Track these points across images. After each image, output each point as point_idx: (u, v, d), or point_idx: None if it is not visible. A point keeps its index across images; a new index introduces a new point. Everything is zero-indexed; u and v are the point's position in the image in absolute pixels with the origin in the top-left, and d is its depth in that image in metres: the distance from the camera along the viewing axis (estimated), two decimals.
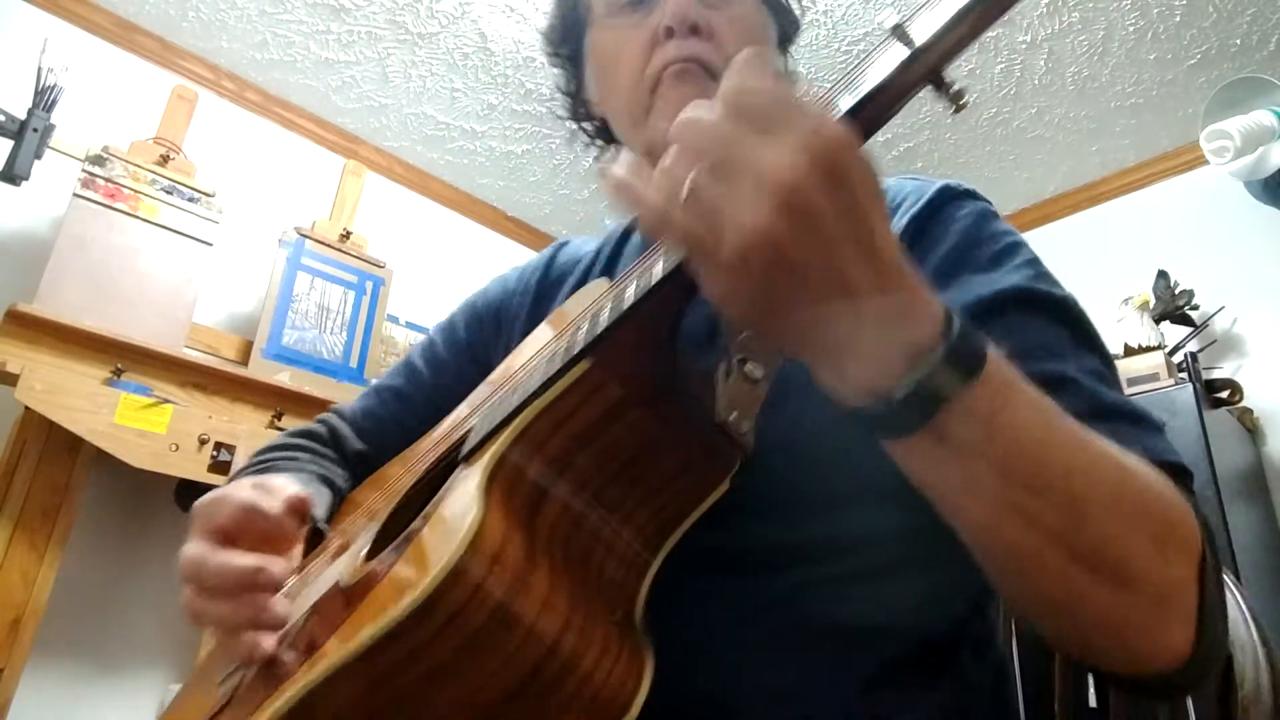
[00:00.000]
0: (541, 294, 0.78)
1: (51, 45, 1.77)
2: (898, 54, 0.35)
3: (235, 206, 2.08)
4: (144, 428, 1.64)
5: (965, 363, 0.35)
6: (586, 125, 0.81)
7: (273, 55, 2.20)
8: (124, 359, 1.67)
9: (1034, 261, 0.57)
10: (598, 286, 0.62)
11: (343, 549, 0.58)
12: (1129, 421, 0.48)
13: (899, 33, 0.35)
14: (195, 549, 0.49)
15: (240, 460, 1.73)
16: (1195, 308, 2.12)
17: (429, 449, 0.64)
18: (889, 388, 0.35)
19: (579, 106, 0.80)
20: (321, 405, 1.93)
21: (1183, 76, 2.11)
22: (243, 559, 0.48)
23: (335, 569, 0.53)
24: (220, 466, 1.71)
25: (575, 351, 0.43)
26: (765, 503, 0.50)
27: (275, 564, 0.48)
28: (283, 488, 0.55)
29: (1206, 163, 2.02)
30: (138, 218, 1.81)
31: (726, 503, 0.44)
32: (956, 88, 0.35)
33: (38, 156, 1.67)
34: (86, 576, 1.75)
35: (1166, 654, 0.42)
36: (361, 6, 2.03)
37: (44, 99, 1.70)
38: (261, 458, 0.75)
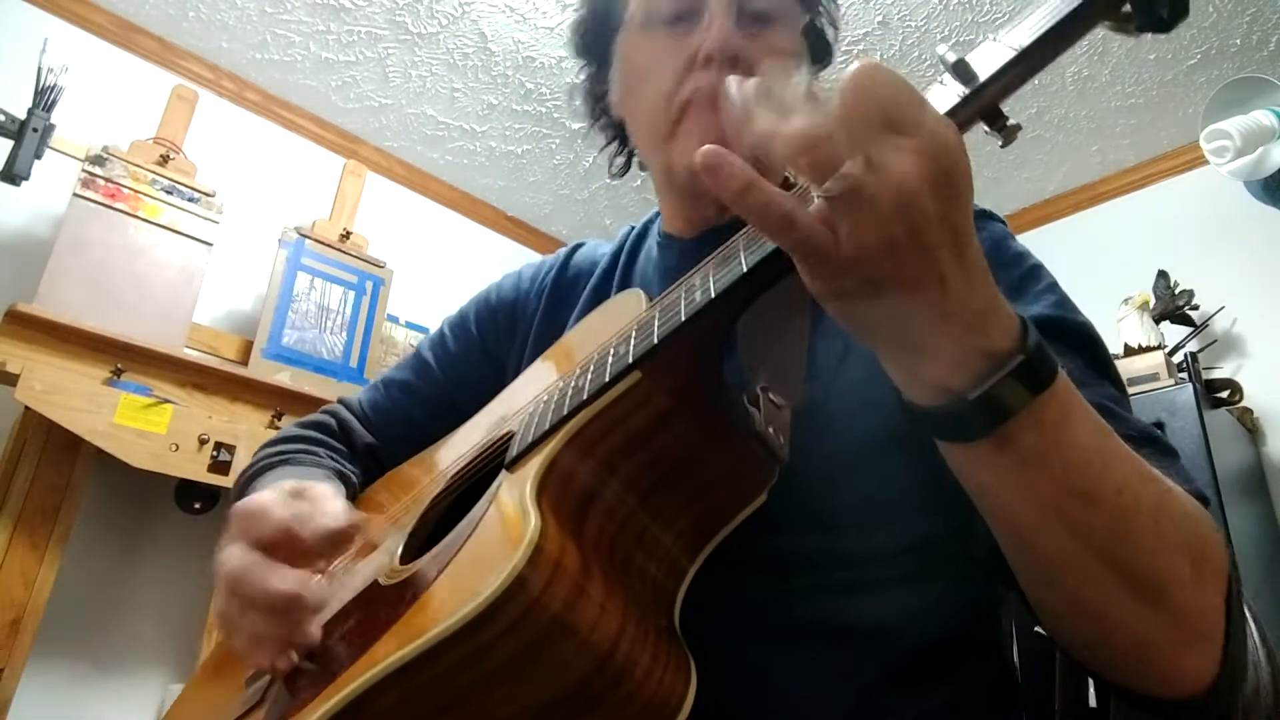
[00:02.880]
0: (558, 293, 0.77)
1: (51, 45, 1.77)
2: (1004, 55, 0.36)
3: (235, 206, 2.08)
4: (144, 428, 1.63)
5: (1039, 375, 0.37)
6: (603, 124, 0.80)
7: (273, 55, 2.20)
8: (124, 359, 1.67)
9: (1054, 285, 0.59)
10: (628, 300, 0.60)
11: (367, 549, 0.58)
12: (1158, 449, 0.49)
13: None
14: (237, 559, 0.48)
15: (241, 460, 1.73)
16: (1195, 308, 2.12)
17: (452, 459, 0.64)
18: (962, 390, 0.36)
19: (597, 105, 0.79)
20: (322, 405, 1.92)
21: (1183, 76, 2.11)
22: (284, 582, 0.46)
23: (367, 567, 0.52)
24: (220, 466, 1.71)
25: (627, 362, 0.43)
26: (782, 512, 0.50)
27: (314, 586, 0.47)
28: (324, 499, 0.53)
29: (1206, 163, 2.02)
30: (138, 218, 1.81)
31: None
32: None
33: (38, 156, 1.67)
34: (86, 576, 1.75)
35: (1190, 679, 0.42)
36: (361, 6, 2.03)
37: (44, 99, 1.70)
38: (277, 449, 0.75)
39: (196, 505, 1.85)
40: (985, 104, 0.36)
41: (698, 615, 0.42)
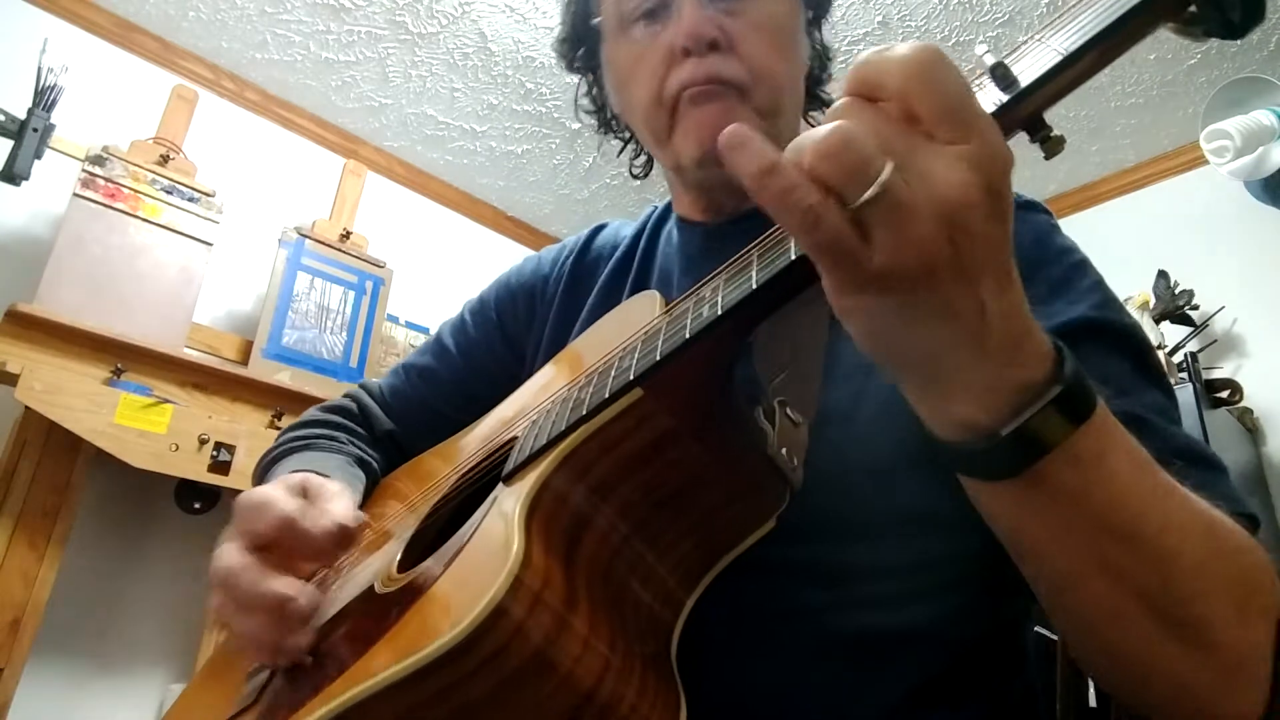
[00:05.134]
0: (577, 277, 0.76)
1: (51, 45, 1.77)
2: (1051, 58, 0.32)
3: (235, 206, 2.08)
4: (144, 428, 1.63)
5: (1077, 408, 0.33)
6: (616, 133, 0.79)
7: (273, 55, 2.20)
8: (124, 359, 1.67)
9: (1100, 284, 0.56)
10: (642, 303, 0.56)
11: (379, 540, 0.57)
12: (1203, 466, 0.47)
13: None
14: (232, 557, 0.47)
15: (241, 459, 1.73)
16: (1195, 308, 2.12)
17: (471, 450, 0.62)
18: (992, 425, 0.33)
19: (602, 114, 0.77)
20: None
21: (1183, 76, 2.11)
22: (276, 584, 0.45)
23: (369, 568, 0.52)
24: (220, 466, 1.71)
25: (629, 378, 0.40)
26: (809, 523, 0.47)
27: (306, 593, 0.46)
28: (329, 497, 0.52)
29: (1206, 163, 2.02)
30: (138, 218, 1.81)
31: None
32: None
33: (38, 156, 1.67)
34: (86, 576, 1.75)
35: (1232, 718, 0.40)
36: (361, 6, 2.03)
37: (44, 99, 1.70)
38: (299, 434, 0.75)
39: (196, 505, 1.85)
40: (1028, 112, 0.32)
41: (721, 622, 0.41)
